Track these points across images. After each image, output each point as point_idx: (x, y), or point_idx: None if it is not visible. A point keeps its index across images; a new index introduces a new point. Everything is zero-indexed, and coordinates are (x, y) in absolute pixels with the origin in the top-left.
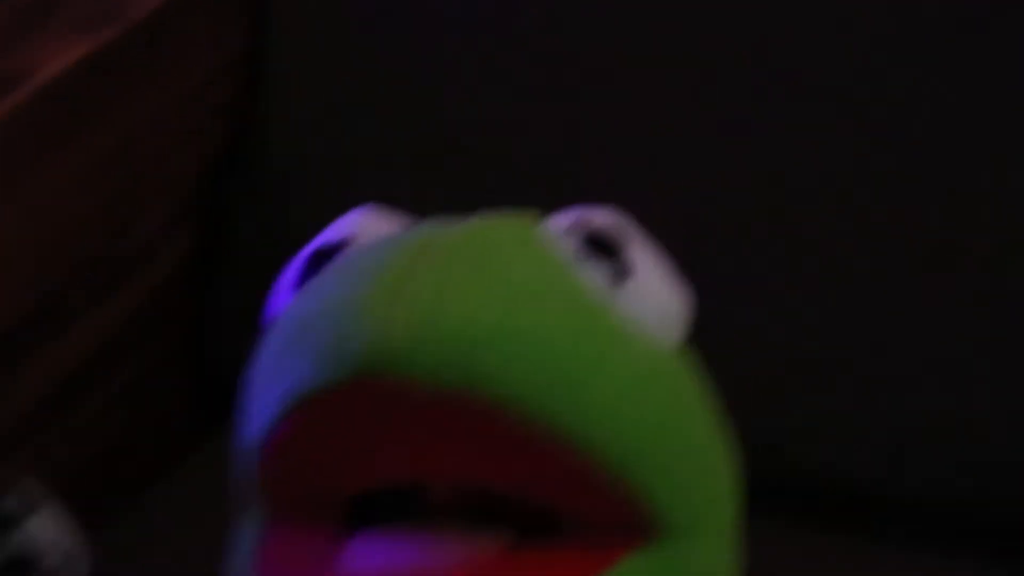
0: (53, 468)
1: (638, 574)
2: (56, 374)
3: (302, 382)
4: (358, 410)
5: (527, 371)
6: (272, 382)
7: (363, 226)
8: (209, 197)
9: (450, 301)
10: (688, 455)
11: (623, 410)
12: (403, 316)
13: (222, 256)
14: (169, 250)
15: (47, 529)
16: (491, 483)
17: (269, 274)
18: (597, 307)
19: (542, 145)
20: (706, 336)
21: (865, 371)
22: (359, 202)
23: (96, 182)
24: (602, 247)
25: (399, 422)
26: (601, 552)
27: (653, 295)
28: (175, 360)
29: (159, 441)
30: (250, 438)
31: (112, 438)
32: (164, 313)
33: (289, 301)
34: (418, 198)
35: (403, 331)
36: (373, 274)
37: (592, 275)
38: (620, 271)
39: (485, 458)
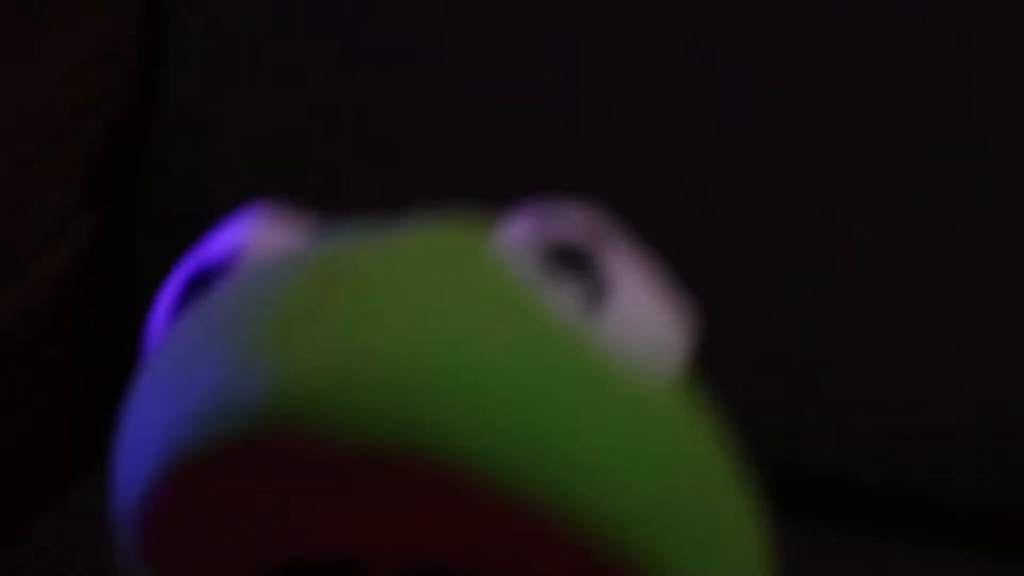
0: None
1: None
2: None
3: (180, 439)
4: (258, 471)
5: (480, 419)
6: (145, 436)
7: (256, 235)
8: (110, 179)
9: (373, 332)
10: (699, 516)
11: (610, 463)
12: (311, 353)
13: (127, 245)
14: (66, 241)
15: None
16: (443, 555)
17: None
18: (569, 335)
19: (490, 120)
20: (708, 331)
21: (875, 365)
22: (272, 178)
23: None
24: (571, 258)
25: (315, 484)
26: None
27: (640, 317)
28: (74, 365)
29: (54, 457)
30: (123, 502)
31: (1, 454)
32: (61, 311)
33: (164, 332)
34: (337, 180)
35: (311, 373)
36: (271, 300)
37: (561, 296)
38: (596, 289)
39: (433, 526)
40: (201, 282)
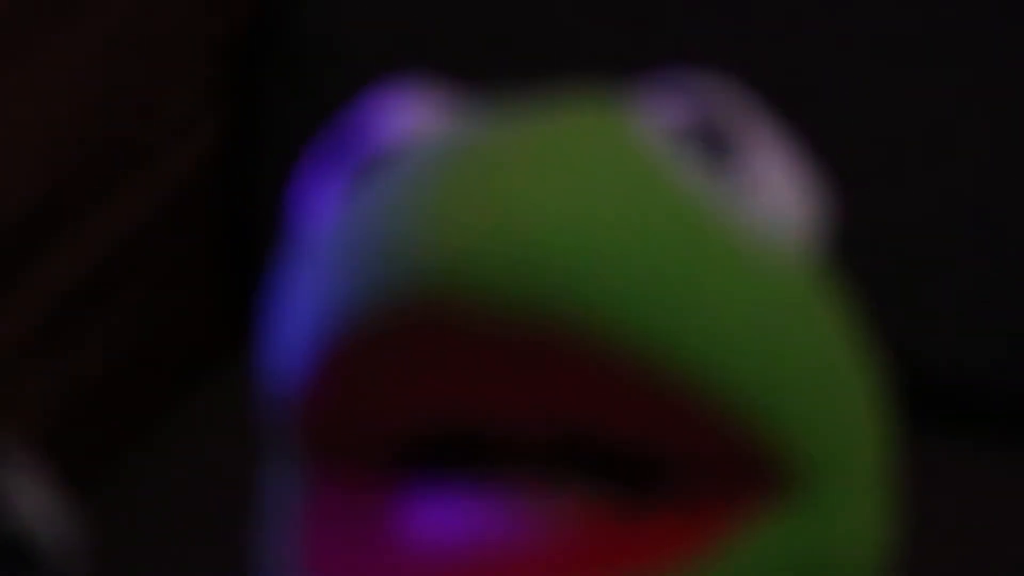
0: (63, 384)
1: (770, 539)
2: (66, 276)
3: (345, 315)
4: (412, 346)
5: (629, 287)
6: (309, 317)
7: (405, 118)
8: (240, 73)
9: (515, 212)
10: (828, 388)
11: (745, 331)
12: (462, 232)
13: (256, 139)
14: (195, 134)
15: (36, 503)
16: (575, 425)
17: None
18: (709, 207)
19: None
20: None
21: (983, 260)
22: (405, 70)
23: (113, 58)
24: (709, 132)
25: (463, 353)
26: (720, 509)
27: (777, 191)
28: (203, 259)
29: (182, 354)
30: (283, 377)
31: (130, 349)
32: (191, 206)
33: (324, 209)
34: (469, 68)
35: (460, 248)
36: (427, 193)
37: (700, 169)
38: (733, 162)
39: (569, 395)
40: (353, 164)
